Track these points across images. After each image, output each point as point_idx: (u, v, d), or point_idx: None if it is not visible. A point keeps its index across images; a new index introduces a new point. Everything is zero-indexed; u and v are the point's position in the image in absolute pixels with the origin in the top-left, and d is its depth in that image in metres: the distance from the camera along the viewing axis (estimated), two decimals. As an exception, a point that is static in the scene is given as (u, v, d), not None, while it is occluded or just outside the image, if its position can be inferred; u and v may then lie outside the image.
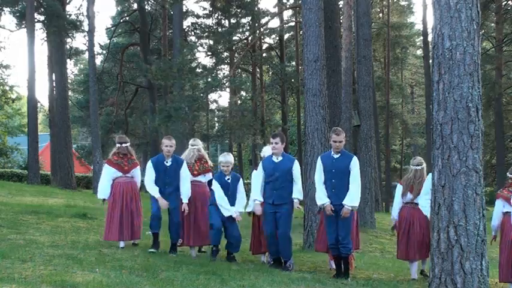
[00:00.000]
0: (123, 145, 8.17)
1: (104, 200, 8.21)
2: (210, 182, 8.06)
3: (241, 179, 7.85)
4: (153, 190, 7.82)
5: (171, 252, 7.85)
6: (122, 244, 7.93)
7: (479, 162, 5.25)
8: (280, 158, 7.37)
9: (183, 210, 7.85)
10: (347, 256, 7.05)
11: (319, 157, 7.31)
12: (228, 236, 7.64)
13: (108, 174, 8.11)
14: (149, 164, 7.90)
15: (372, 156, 16.08)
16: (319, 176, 7.09)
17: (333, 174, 6.96)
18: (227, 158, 7.76)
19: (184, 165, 7.93)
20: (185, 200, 7.82)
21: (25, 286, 5.04)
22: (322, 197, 7.01)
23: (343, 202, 6.85)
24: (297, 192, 7.34)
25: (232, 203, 7.60)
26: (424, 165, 7.77)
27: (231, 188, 7.65)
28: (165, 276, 6.04)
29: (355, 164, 6.95)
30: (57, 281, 5.31)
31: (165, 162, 7.85)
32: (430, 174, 6.84)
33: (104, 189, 8.13)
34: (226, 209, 7.52)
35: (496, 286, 7.46)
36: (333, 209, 6.90)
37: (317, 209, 8.39)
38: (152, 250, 7.71)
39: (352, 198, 6.87)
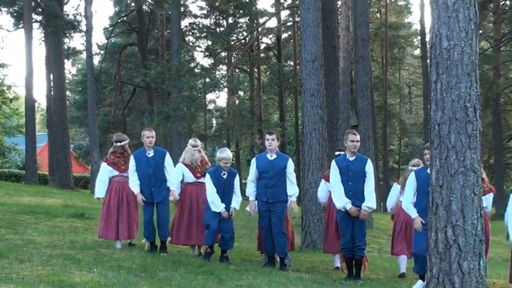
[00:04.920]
0: (118, 144, 8.15)
1: (98, 198, 8.16)
2: None
3: (237, 175, 7.68)
4: (134, 186, 7.78)
5: (161, 251, 7.79)
6: (118, 245, 7.91)
7: (477, 162, 5.25)
8: (274, 156, 7.31)
9: (173, 200, 7.81)
10: (361, 258, 7.05)
11: (334, 160, 7.11)
12: (221, 231, 7.48)
13: (104, 173, 8.10)
14: (131, 158, 7.87)
15: (370, 156, 15.95)
16: (336, 178, 6.88)
17: (349, 177, 6.82)
18: (228, 154, 7.56)
19: (168, 156, 7.90)
20: (173, 187, 7.79)
21: (23, 286, 5.03)
22: (343, 199, 6.79)
23: (365, 205, 6.74)
24: (293, 192, 7.31)
25: (228, 199, 7.46)
26: (421, 166, 7.77)
27: (227, 184, 7.48)
28: (163, 276, 6.04)
29: (370, 167, 6.87)
30: (55, 281, 5.30)
31: (147, 154, 7.83)
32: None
33: (99, 189, 8.11)
34: (216, 206, 7.35)
35: (494, 286, 7.46)
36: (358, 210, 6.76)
37: (322, 207, 8.38)
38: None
39: (373, 201, 6.79)
